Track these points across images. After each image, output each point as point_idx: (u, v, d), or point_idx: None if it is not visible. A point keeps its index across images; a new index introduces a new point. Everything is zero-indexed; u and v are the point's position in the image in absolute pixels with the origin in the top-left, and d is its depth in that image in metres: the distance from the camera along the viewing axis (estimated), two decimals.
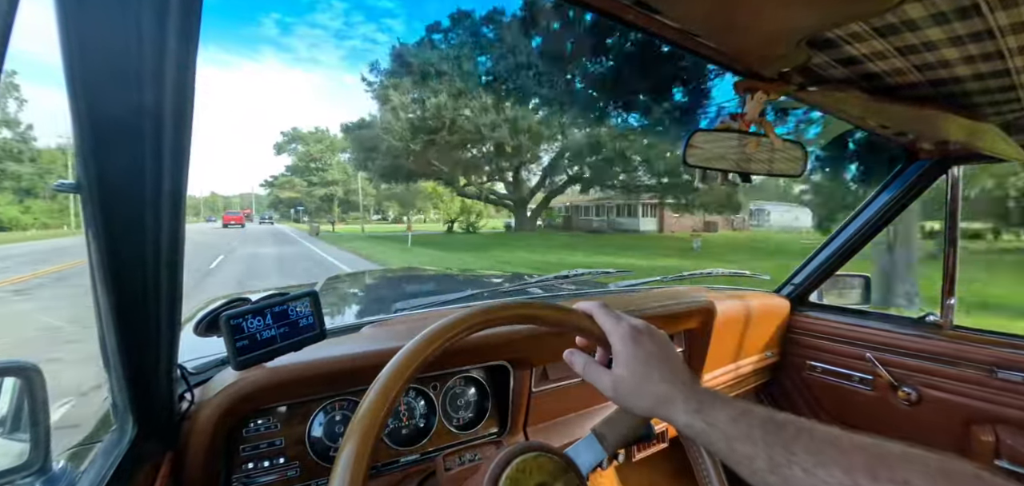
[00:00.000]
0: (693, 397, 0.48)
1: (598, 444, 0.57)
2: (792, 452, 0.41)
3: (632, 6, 0.62)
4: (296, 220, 58.10)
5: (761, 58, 0.72)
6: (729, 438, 0.45)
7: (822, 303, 1.69)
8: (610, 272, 1.69)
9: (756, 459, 0.43)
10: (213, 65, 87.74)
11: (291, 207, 59.18)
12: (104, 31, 0.35)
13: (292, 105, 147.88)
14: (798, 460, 0.40)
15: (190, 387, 0.69)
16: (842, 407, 1.56)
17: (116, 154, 0.40)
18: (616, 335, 0.53)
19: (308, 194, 55.97)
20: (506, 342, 0.91)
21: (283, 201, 59.90)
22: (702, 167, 0.87)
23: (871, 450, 0.39)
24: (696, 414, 0.47)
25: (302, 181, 57.48)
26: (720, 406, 0.47)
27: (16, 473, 0.54)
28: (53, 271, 9.31)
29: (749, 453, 0.43)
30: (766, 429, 0.43)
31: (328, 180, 56.14)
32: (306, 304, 0.74)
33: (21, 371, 0.57)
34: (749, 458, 0.43)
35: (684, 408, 0.48)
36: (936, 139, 1.23)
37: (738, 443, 0.44)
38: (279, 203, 61.90)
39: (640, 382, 0.51)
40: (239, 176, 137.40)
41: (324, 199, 55.69)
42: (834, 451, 0.40)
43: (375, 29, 66.01)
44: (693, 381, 0.51)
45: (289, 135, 58.36)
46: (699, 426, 0.47)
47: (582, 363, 0.56)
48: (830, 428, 0.42)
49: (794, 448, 0.41)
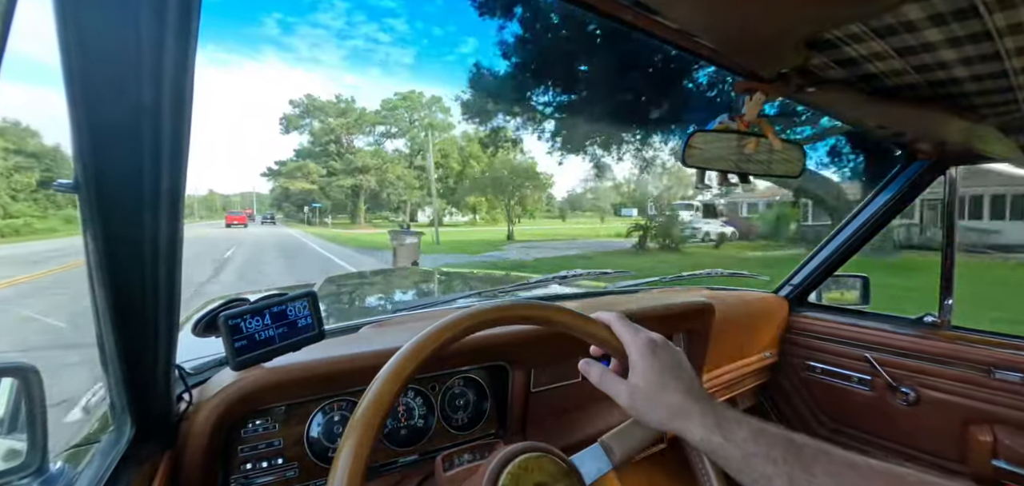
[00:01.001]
0: (710, 412, 0.49)
1: (605, 456, 0.57)
2: (812, 473, 0.41)
3: (631, 7, 0.62)
4: (308, 222, 43.68)
5: (760, 59, 0.72)
6: (747, 455, 0.45)
7: (821, 303, 1.69)
8: (608, 272, 1.69)
9: (775, 479, 0.43)
10: (213, 64, 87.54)
11: (303, 204, 44.94)
12: (102, 30, 0.35)
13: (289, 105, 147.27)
14: (818, 482, 0.41)
15: (188, 387, 0.69)
16: (840, 407, 1.57)
17: (114, 154, 0.40)
18: (634, 347, 0.54)
19: (328, 184, 42.25)
20: (506, 343, 0.91)
21: (292, 196, 45.26)
22: (701, 167, 0.87)
23: (888, 476, 0.39)
24: (715, 429, 0.47)
25: (319, 167, 42.71)
26: (737, 423, 0.47)
27: (13, 474, 0.54)
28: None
29: (768, 472, 0.43)
30: (786, 449, 0.44)
31: (356, 166, 41.74)
32: (305, 304, 0.74)
33: (18, 372, 0.56)
34: (767, 477, 0.43)
35: (701, 422, 0.48)
36: (934, 140, 1.23)
37: (757, 461, 0.44)
38: (286, 199, 47.76)
39: (656, 393, 0.51)
40: (239, 174, 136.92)
41: (351, 191, 42.38)
42: (853, 475, 0.40)
43: (377, 29, 65.86)
44: (708, 396, 0.51)
45: (302, 106, 43.08)
46: (717, 442, 0.47)
47: (598, 373, 0.56)
48: (847, 453, 0.42)
49: (814, 469, 0.42)
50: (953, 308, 1.38)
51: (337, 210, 44.06)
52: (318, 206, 43.63)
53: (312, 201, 43.37)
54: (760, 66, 0.74)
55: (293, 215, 48.99)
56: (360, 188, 41.60)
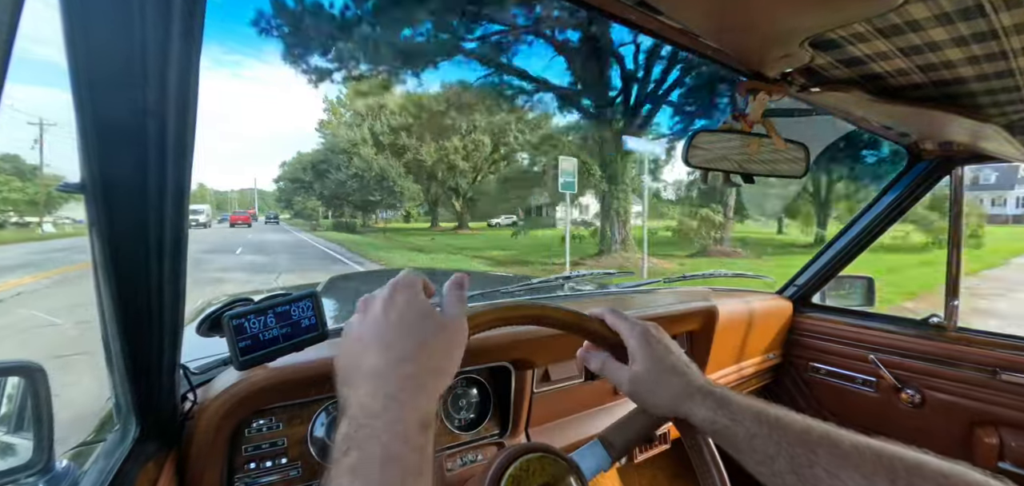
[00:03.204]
0: (711, 394, 0.49)
1: (603, 450, 0.57)
2: (814, 453, 0.42)
3: (635, 7, 0.62)
4: (349, 228, 28.63)
5: (764, 59, 0.72)
6: (751, 435, 0.45)
7: (825, 304, 1.68)
8: (612, 273, 1.69)
9: (777, 459, 0.43)
10: (215, 64, 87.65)
11: (336, 199, 29.14)
12: (108, 32, 0.35)
13: (294, 103, 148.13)
14: (820, 461, 0.41)
15: (193, 387, 0.69)
16: (845, 409, 1.56)
17: (120, 154, 0.40)
18: (632, 336, 0.55)
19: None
20: (508, 343, 0.91)
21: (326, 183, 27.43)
22: (704, 168, 0.87)
23: (883, 457, 0.40)
24: (718, 410, 0.48)
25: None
26: (739, 404, 0.48)
27: (20, 472, 0.54)
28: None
29: (771, 452, 0.44)
30: (788, 429, 0.44)
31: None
32: (308, 304, 0.74)
33: (25, 371, 0.57)
34: (770, 458, 0.44)
35: (703, 403, 0.49)
36: (940, 140, 1.22)
37: (759, 441, 0.45)
38: (302, 189, 32.51)
39: (658, 376, 0.52)
40: (238, 172, 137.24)
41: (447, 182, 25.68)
42: (856, 456, 0.41)
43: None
44: (707, 380, 0.52)
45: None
46: (722, 422, 0.47)
47: (599, 361, 0.57)
48: (848, 433, 0.43)
49: (817, 450, 0.42)
50: (958, 309, 1.37)
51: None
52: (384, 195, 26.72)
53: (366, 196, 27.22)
54: (764, 66, 0.74)
55: (310, 216, 36.74)
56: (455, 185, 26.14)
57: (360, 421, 0.37)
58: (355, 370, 0.42)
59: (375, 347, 0.42)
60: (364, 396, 0.39)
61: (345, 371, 0.43)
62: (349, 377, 0.42)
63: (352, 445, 0.36)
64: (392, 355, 0.41)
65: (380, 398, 0.39)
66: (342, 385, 0.42)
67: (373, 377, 0.40)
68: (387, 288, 0.46)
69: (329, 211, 36.77)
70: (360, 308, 0.47)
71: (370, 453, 0.35)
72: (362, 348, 0.43)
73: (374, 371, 0.41)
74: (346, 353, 0.44)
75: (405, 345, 0.42)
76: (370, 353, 0.42)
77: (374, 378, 0.40)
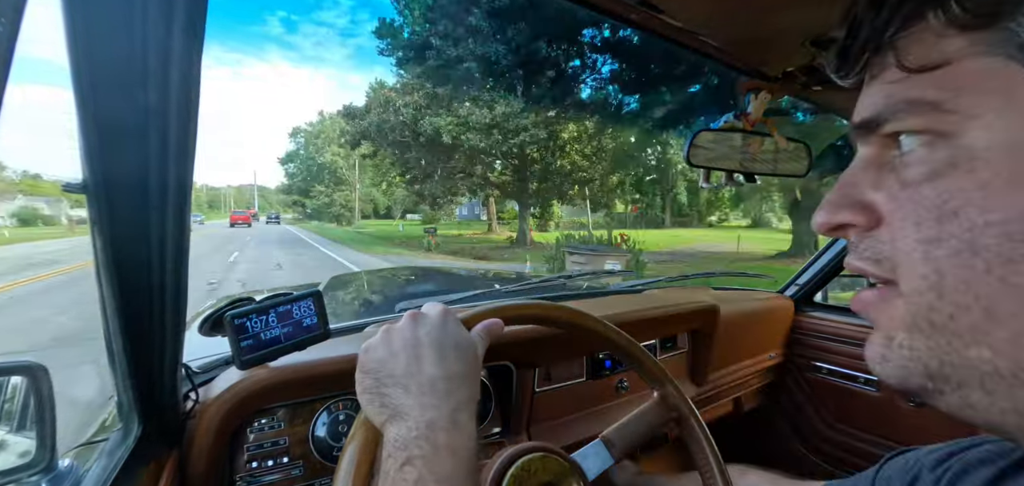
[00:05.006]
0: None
1: (606, 450, 0.57)
2: None
3: (636, 6, 0.62)
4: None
5: (766, 58, 0.72)
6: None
7: (827, 303, 1.68)
8: (614, 272, 1.69)
9: None
10: (217, 63, 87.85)
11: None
12: (110, 31, 0.35)
13: (293, 103, 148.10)
14: None
15: (195, 386, 0.69)
16: (847, 408, 1.55)
17: (121, 154, 0.40)
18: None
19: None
20: (510, 343, 0.91)
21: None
22: (706, 167, 0.87)
23: None
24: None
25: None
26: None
27: (22, 471, 0.54)
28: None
29: None
30: None
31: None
32: (310, 304, 0.74)
33: (27, 370, 0.57)
34: None
35: None
36: None
37: None
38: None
39: None
40: (237, 169, 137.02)
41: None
42: None
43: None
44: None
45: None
46: None
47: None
48: None
49: None
50: None
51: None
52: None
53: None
54: (765, 65, 0.74)
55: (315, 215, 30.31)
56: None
57: (424, 433, 0.39)
58: (411, 377, 0.44)
59: (431, 357, 0.44)
60: (429, 406, 0.41)
61: (397, 375, 0.44)
62: (405, 382, 0.43)
63: (414, 455, 0.38)
64: (447, 369, 0.44)
65: (446, 412, 0.41)
66: (393, 386, 0.44)
67: (431, 389, 0.42)
68: (437, 308, 0.50)
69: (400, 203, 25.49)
70: (410, 317, 0.49)
71: (437, 470, 0.37)
72: (418, 355, 0.45)
73: (433, 382, 0.43)
74: (396, 355, 0.46)
75: (459, 365, 0.45)
76: (426, 362, 0.44)
77: (433, 391, 0.42)
